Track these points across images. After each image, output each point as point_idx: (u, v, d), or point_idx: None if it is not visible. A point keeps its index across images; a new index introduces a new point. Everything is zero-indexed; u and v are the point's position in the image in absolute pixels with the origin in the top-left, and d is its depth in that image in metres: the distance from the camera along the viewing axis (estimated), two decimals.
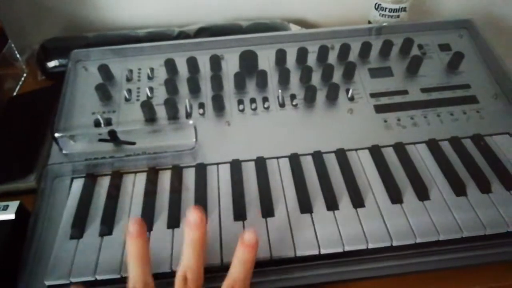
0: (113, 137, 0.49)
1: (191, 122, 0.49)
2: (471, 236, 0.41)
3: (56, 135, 0.48)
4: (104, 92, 0.53)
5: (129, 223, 0.31)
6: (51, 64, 0.65)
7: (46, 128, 0.57)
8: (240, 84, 0.55)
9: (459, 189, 0.45)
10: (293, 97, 0.55)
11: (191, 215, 0.32)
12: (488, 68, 0.57)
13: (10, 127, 0.59)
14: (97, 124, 0.51)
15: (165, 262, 0.40)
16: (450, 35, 0.61)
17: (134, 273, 0.32)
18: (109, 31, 0.69)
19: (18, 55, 0.69)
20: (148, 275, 0.33)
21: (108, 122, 0.51)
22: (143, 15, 0.75)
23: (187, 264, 0.33)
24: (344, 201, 0.45)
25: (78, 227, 0.43)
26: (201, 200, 0.45)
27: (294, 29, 0.75)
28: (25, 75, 0.71)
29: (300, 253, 0.41)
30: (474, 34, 0.60)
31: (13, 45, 0.68)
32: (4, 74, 0.66)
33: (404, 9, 0.70)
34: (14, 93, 0.68)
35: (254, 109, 0.54)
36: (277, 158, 0.49)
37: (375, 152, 0.49)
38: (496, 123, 0.51)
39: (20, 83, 0.69)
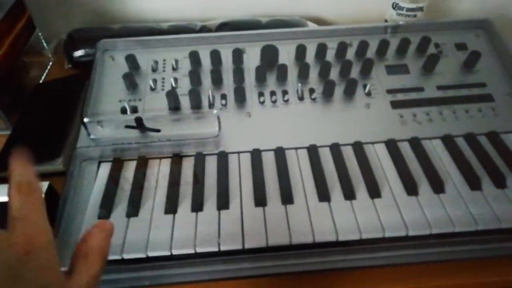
0: (139, 124, 0.51)
1: (215, 111, 0.51)
2: (486, 230, 0.43)
3: (85, 120, 0.50)
4: (131, 81, 0.55)
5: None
6: (78, 53, 0.67)
7: (72, 115, 0.59)
8: (261, 77, 0.57)
9: (474, 184, 0.46)
10: (312, 91, 0.56)
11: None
12: (505, 68, 0.58)
13: (38, 112, 0.61)
14: (123, 111, 0.53)
15: (189, 244, 0.42)
16: (467, 35, 0.63)
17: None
18: (133, 23, 0.71)
19: (45, 44, 0.71)
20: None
21: (134, 110, 0.53)
22: (166, 9, 0.77)
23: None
24: (361, 191, 0.46)
25: (106, 208, 0.45)
26: (223, 186, 0.46)
27: (312, 26, 0.77)
28: (51, 63, 0.73)
29: (318, 239, 0.42)
30: (491, 34, 0.61)
31: (40, 34, 0.70)
32: (31, 61, 0.69)
33: (421, 9, 0.71)
34: (40, 81, 0.70)
35: (274, 102, 0.55)
36: (296, 149, 0.51)
37: (391, 145, 0.51)
38: (511, 121, 0.53)
39: (46, 71, 0.72)
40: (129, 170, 0.49)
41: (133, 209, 0.45)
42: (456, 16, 0.83)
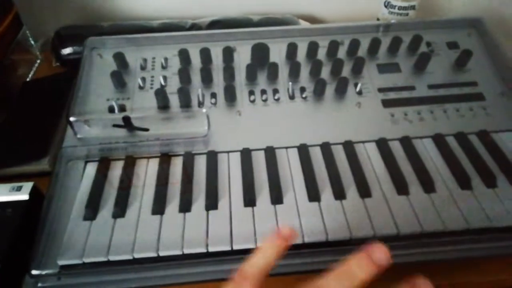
0: (127, 123, 0.50)
1: (204, 110, 0.50)
2: (477, 229, 0.42)
3: (71, 119, 0.49)
4: (119, 80, 0.54)
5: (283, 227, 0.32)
6: (66, 51, 0.66)
7: (60, 113, 0.58)
8: (251, 75, 0.56)
9: (464, 183, 0.46)
10: (302, 89, 0.56)
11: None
12: (496, 67, 0.58)
13: (24, 111, 0.60)
14: (111, 110, 0.52)
15: (177, 245, 0.41)
16: (458, 34, 0.62)
17: (256, 261, 0.31)
18: (122, 21, 0.70)
19: (32, 41, 0.70)
20: (265, 274, 0.31)
21: (122, 109, 0.52)
22: (156, 6, 0.76)
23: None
24: (351, 191, 0.46)
25: (92, 209, 0.44)
26: (212, 186, 0.46)
27: (303, 24, 0.76)
28: (39, 61, 0.72)
29: (308, 240, 0.42)
30: (482, 33, 0.61)
31: (27, 31, 0.69)
32: (18, 59, 0.67)
33: (413, 7, 0.71)
34: (28, 79, 0.69)
35: (265, 100, 0.55)
36: (286, 148, 0.50)
37: (382, 145, 0.50)
38: (502, 121, 0.52)
39: (34, 69, 0.71)
40: (116, 170, 0.48)
41: (120, 210, 0.44)
42: (447, 15, 0.83)
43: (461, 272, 0.44)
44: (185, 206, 0.44)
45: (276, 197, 0.45)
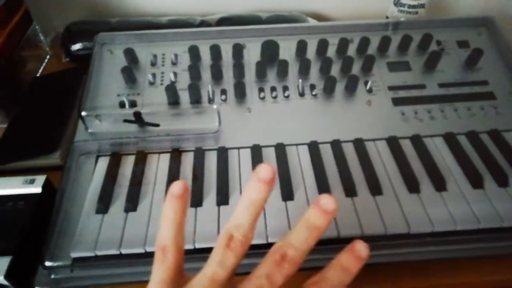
0: (138, 118, 0.50)
1: (215, 106, 0.51)
2: (488, 228, 0.42)
3: (83, 113, 0.50)
4: (129, 75, 0.55)
5: (172, 184, 0.29)
6: (75, 46, 0.66)
7: (70, 108, 0.59)
8: (261, 72, 0.56)
9: (476, 182, 0.46)
10: (312, 87, 0.56)
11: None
12: (507, 66, 0.58)
13: (35, 106, 0.60)
14: (122, 105, 0.52)
15: (189, 240, 0.41)
16: (468, 32, 0.62)
17: (167, 233, 0.29)
18: (131, 17, 0.71)
19: (42, 37, 0.70)
20: (182, 239, 0.29)
21: (132, 104, 0.52)
22: (165, 3, 0.77)
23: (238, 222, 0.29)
24: (362, 188, 0.46)
25: (104, 203, 0.44)
26: (222, 182, 0.46)
27: (312, 22, 0.76)
28: (48, 56, 0.72)
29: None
30: (493, 32, 0.61)
31: (37, 27, 0.69)
32: (28, 55, 0.68)
33: (422, 6, 0.71)
34: (37, 74, 0.69)
35: (275, 97, 0.55)
36: (297, 145, 0.50)
37: (393, 143, 0.50)
38: None
39: (44, 64, 0.71)
40: (128, 165, 0.48)
41: (132, 204, 0.44)
42: (457, 13, 0.82)
43: (462, 272, 0.44)
44: (196, 201, 0.44)
45: (287, 194, 0.45)
